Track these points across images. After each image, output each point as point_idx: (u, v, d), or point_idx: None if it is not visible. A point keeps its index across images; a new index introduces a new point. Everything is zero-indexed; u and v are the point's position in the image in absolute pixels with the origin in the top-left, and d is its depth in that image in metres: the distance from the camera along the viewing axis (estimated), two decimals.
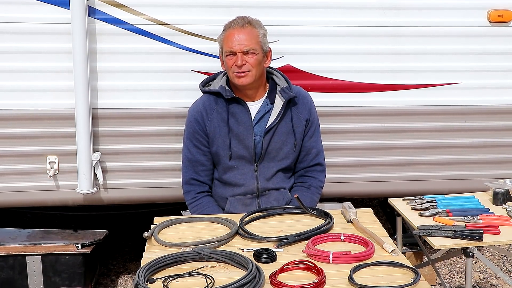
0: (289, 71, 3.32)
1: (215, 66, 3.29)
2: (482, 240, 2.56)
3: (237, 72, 2.99)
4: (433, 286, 3.81)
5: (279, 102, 3.08)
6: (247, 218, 2.76)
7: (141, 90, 3.43)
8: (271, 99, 3.11)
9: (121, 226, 4.56)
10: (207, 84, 3.20)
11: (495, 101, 3.66)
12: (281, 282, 2.12)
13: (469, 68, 3.61)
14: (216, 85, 3.11)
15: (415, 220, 2.80)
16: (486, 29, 3.56)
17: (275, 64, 3.31)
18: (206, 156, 3.13)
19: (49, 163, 3.42)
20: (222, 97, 3.06)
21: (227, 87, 3.08)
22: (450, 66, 3.60)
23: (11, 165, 3.43)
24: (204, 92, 3.16)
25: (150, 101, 3.44)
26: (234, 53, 2.98)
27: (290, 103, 3.10)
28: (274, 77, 3.17)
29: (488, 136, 3.72)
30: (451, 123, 3.67)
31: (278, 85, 3.13)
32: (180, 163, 3.21)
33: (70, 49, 3.26)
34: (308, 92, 3.26)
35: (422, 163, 3.71)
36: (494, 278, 4.01)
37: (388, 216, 4.42)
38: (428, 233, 2.61)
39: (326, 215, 2.75)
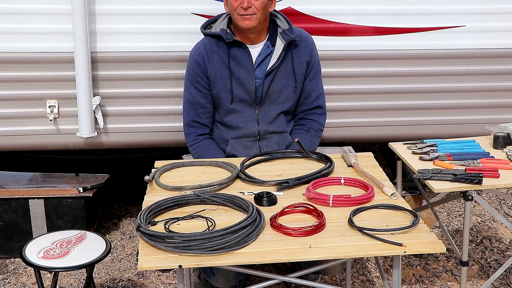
0: (290, 14, 3.26)
1: (215, 8, 3.24)
2: (481, 183, 2.57)
3: (242, 15, 2.93)
4: (431, 229, 3.86)
5: (279, 45, 3.04)
6: (247, 162, 2.77)
7: (141, 33, 3.39)
8: (272, 41, 3.06)
9: (122, 170, 4.58)
10: (208, 27, 3.15)
11: (499, 45, 3.62)
12: (281, 225, 2.14)
13: (473, 11, 3.55)
14: (217, 28, 3.07)
15: (415, 164, 2.81)
16: None
17: (276, 7, 3.24)
18: (207, 99, 3.12)
19: (49, 107, 3.41)
20: (223, 40, 3.02)
21: (228, 30, 3.03)
22: (454, 9, 3.54)
23: (11, 109, 3.42)
24: (205, 34, 3.11)
25: (150, 44, 3.40)
26: None
27: (291, 46, 3.06)
28: (275, 19, 3.11)
29: (490, 80, 3.69)
30: (454, 67, 3.64)
31: (279, 27, 3.08)
32: (181, 107, 3.20)
33: None
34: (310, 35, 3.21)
35: (423, 108, 3.70)
36: (491, 221, 4.06)
37: (388, 161, 4.43)
38: (428, 177, 2.62)
39: (326, 159, 2.75)
